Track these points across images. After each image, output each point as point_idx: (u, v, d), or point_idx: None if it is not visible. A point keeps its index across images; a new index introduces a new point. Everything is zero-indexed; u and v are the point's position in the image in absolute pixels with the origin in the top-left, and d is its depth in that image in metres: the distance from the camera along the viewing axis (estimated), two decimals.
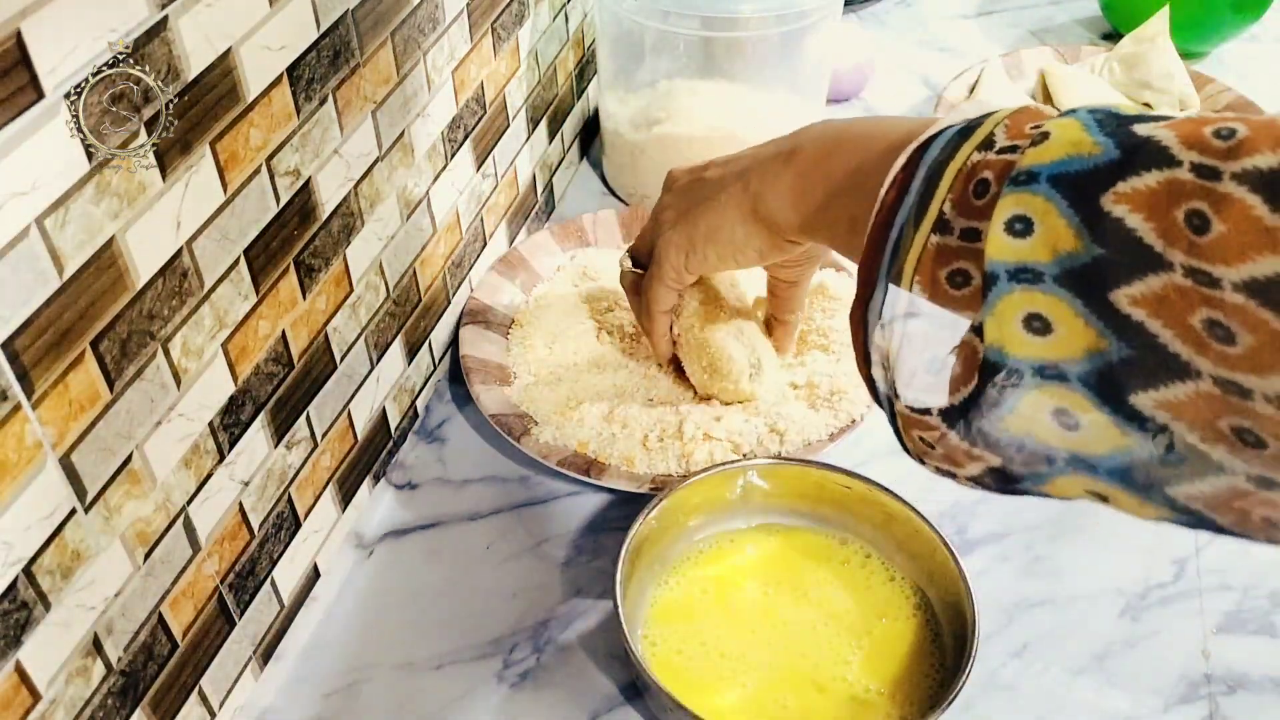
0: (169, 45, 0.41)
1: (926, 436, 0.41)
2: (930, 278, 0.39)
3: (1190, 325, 0.32)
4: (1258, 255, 0.30)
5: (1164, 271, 0.32)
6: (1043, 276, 0.35)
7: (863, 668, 0.56)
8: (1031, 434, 0.37)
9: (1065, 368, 0.35)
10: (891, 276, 0.40)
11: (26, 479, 0.39)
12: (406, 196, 0.65)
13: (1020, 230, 0.35)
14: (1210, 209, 0.31)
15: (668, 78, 0.85)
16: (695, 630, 0.58)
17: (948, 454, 0.40)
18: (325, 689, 0.59)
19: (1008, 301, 0.36)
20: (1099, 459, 0.36)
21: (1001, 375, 0.36)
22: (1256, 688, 0.58)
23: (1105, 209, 0.33)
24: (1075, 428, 0.36)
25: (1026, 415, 0.36)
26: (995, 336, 0.36)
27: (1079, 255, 0.34)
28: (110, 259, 0.41)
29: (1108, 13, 1.12)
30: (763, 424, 0.68)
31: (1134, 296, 0.33)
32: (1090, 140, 0.35)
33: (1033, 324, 0.35)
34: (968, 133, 0.39)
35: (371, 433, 0.67)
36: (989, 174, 0.37)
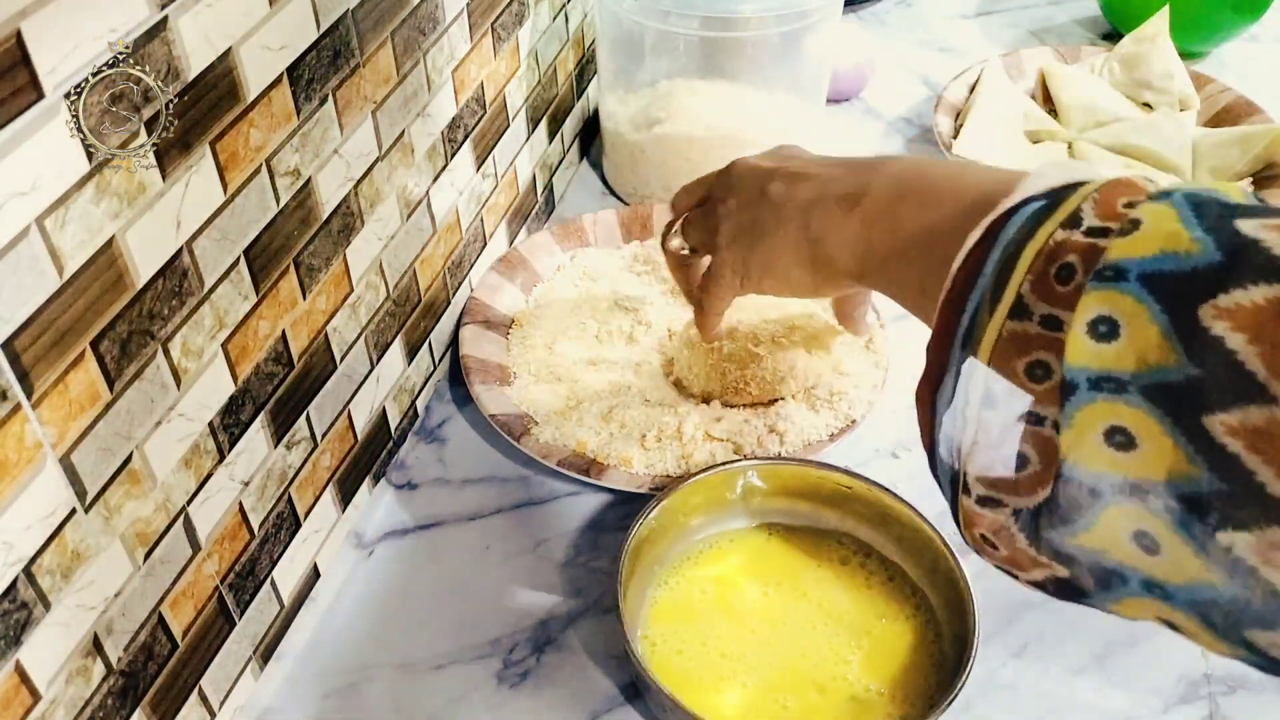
0: (169, 45, 0.41)
1: (989, 534, 0.38)
2: (1007, 369, 0.35)
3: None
4: None
5: (1266, 404, 0.29)
6: (1127, 387, 0.31)
7: (863, 668, 0.56)
8: (1107, 551, 0.34)
9: (1148, 489, 0.32)
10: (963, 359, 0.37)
11: (26, 479, 0.39)
12: (406, 196, 0.65)
13: (1105, 334, 0.32)
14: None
15: (668, 78, 0.85)
16: (695, 630, 0.58)
17: (1012, 557, 0.38)
18: (325, 689, 0.59)
19: (1088, 413, 0.32)
20: (1176, 588, 0.33)
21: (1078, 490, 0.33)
22: (1256, 688, 0.58)
23: (1204, 324, 0.30)
24: (1155, 551, 0.33)
25: (1103, 533, 0.34)
26: (1072, 451, 0.33)
27: (1170, 371, 0.30)
28: (110, 259, 0.41)
29: (1108, 13, 1.12)
30: (763, 424, 0.68)
31: (1231, 426, 0.29)
32: (1188, 236, 0.31)
33: (1115, 438, 0.32)
34: (1051, 207, 0.36)
35: (371, 433, 0.67)
36: (1074, 258, 0.34)
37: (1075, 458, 0.33)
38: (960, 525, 0.40)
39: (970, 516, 0.39)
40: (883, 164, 0.49)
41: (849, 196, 0.49)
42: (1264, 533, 0.29)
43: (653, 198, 0.89)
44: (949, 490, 0.40)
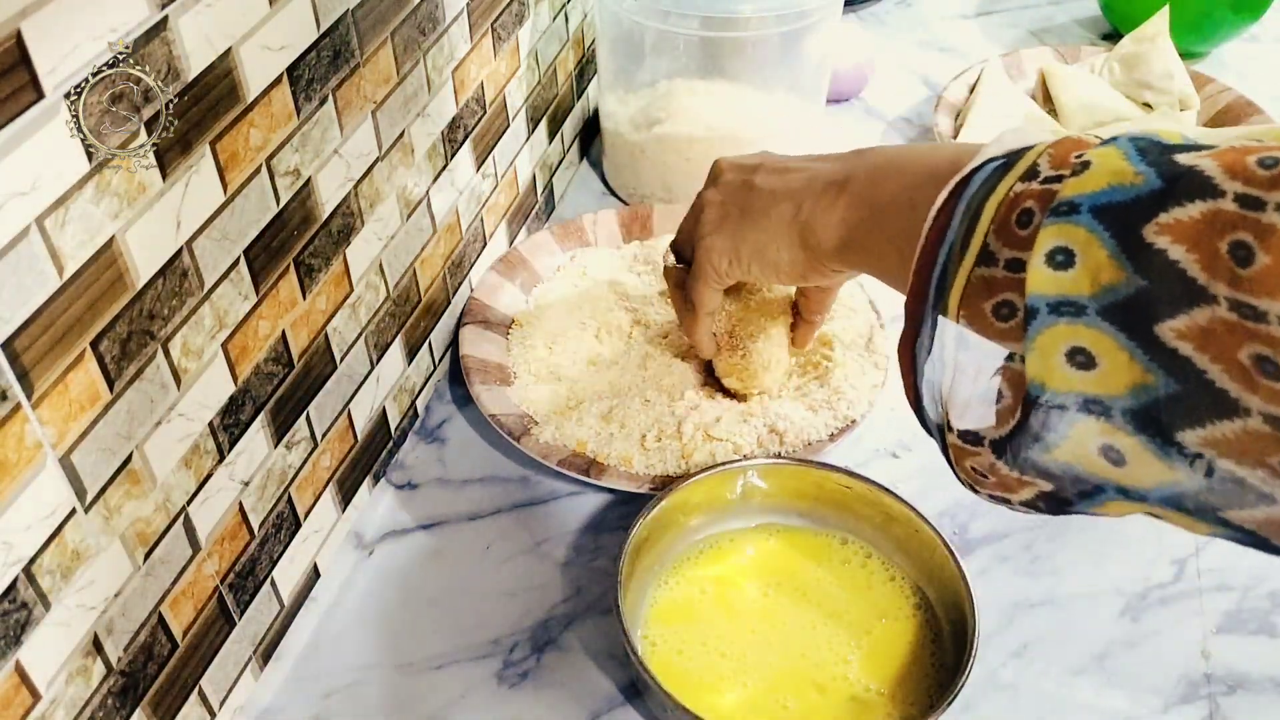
0: (169, 45, 0.41)
1: (979, 466, 0.41)
2: (975, 310, 0.38)
3: (1238, 360, 0.31)
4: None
5: (1208, 305, 0.31)
6: (1085, 309, 0.34)
7: (863, 668, 0.56)
8: (1079, 464, 0.36)
9: (1109, 403, 0.34)
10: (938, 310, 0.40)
11: (26, 479, 0.39)
12: (406, 196, 0.65)
13: (1062, 262, 0.35)
14: (1255, 240, 0.30)
15: (668, 78, 0.85)
16: (695, 630, 0.58)
17: (1000, 481, 0.40)
18: (325, 689, 0.59)
19: (1049, 335, 0.35)
20: (1147, 490, 0.35)
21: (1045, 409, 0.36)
22: (1256, 688, 0.58)
23: (1148, 240, 0.33)
24: (1121, 463, 0.35)
25: (1073, 448, 0.36)
26: (1037, 371, 0.36)
27: (1121, 287, 0.33)
28: (110, 259, 0.41)
29: (1108, 13, 1.12)
30: (762, 424, 0.68)
31: (1179, 330, 0.32)
32: (1132, 170, 0.34)
33: (1076, 358, 0.35)
34: (1010, 164, 0.39)
35: (371, 433, 0.67)
36: (1032, 204, 0.37)
37: (1040, 378, 0.36)
38: (951, 464, 0.43)
39: (958, 452, 0.42)
40: (867, 151, 0.52)
41: (836, 182, 0.52)
42: (1216, 425, 0.32)
43: (653, 198, 0.89)
44: (937, 434, 0.43)
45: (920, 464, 0.70)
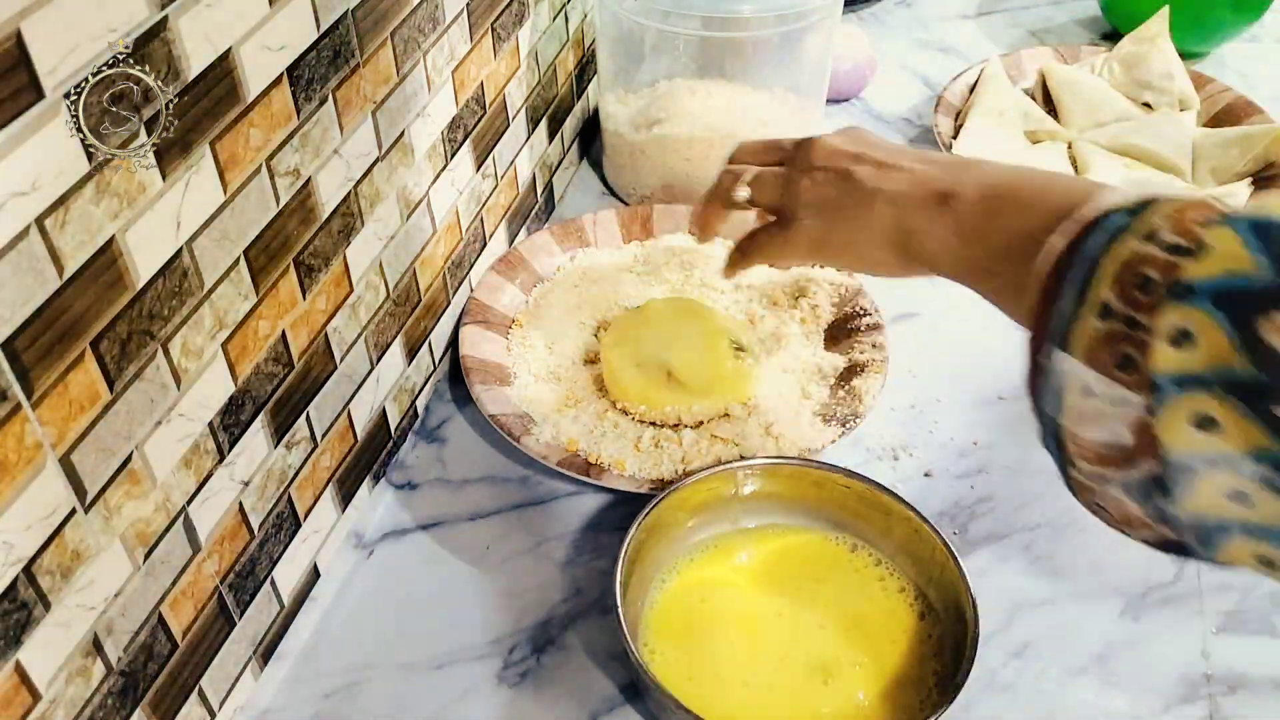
0: (169, 45, 0.41)
1: (1101, 503, 0.42)
2: (1098, 359, 0.40)
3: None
4: None
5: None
6: (1209, 383, 0.36)
7: (862, 668, 0.56)
8: (1207, 512, 0.38)
9: (1236, 461, 0.36)
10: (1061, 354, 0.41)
11: (26, 479, 0.39)
12: (406, 196, 0.65)
13: (1182, 343, 0.37)
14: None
15: (668, 78, 0.85)
16: (695, 630, 0.58)
17: (1124, 518, 0.42)
18: (325, 689, 0.59)
19: (1175, 407, 0.37)
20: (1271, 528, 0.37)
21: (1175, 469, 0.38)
22: (1256, 688, 0.58)
23: (1263, 336, 0.35)
24: (1250, 505, 0.37)
25: (1202, 499, 0.38)
26: (1167, 436, 0.38)
27: (1240, 372, 0.35)
28: (110, 259, 0.41)
29: (1108, 13, 1.12)
30: (762, 425, 0.68)
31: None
32: (1249, 258, 0.36)
33: (1203, 424, 0.36)
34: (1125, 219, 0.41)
35: (371, 433, 0.67)
36: (1153, 272, 0.38)
37: (1170, 442, 0.38)
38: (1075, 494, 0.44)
39: (1080, 485, 0.43)
40: (974, 165, 0.53)
41: (941, 195, 0.52)
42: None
43: (653, 198, 0.89)
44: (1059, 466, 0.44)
45: (920, 464, 0.70)
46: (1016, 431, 0.72)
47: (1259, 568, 0.39)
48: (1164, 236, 0.39)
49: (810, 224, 0.59)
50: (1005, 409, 0.73)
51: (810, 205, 0.58)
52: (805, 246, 0.60)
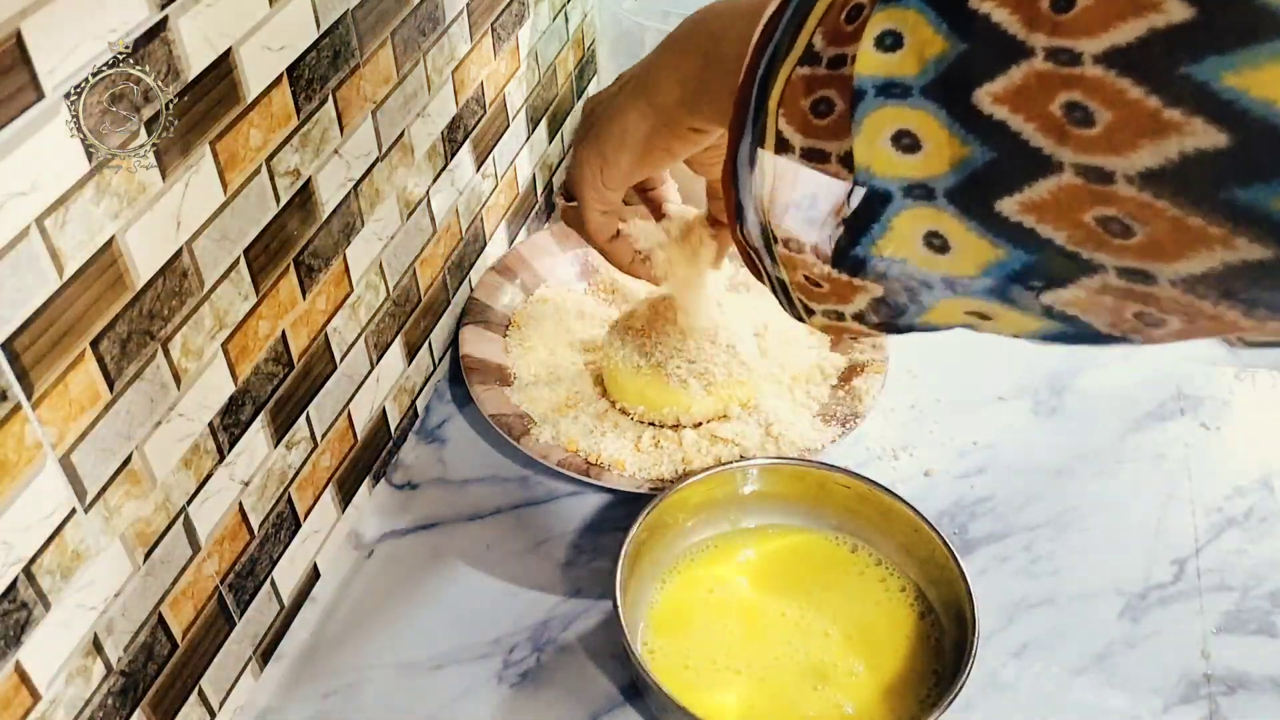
0: (169, 45, 0.41)
1: (810, 275, 0.40)
2: (794, 110, 0.38)
3: (1050, 113, 0.31)
4: (1119, 21, 0.29)
5: (1025, 60, 0.31)
6: (911, 90, 0.34)
7: (862, 668, 0.56)
8: (906, 258, 0.37)
9: (933, 185, 0.35)
10: (760, 116, 0.39)
11: (26, 479, 0.39)
12: (406, 196, 0.65)
13: (890, 45, 0.35)
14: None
15: None
16: (695, 630, 0.58)
17: (833, 289, 0.40)
18: (325, 689, 0.59)
19: (876, 118, 0.35)
20: (973, 278, 0.36)
21: (871, 197, 0.36)
22: (1256, 688, 0.58)
23: (972, 8, 0.33)
24: (945, 250, 0.36)
25: (899, 238, 0.36)
26: (864, 157, 0.36)
27: (944, 58, 0.33)
28: (110, 259, 0.41)
29: None
30: (762, 425, 0.68)
31: (996, 94, 0.32)
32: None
33: (901, 140, 0.35)
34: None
35: (371, 433, 0.67)
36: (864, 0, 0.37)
37: (866, 164, 0.36)
38: (785, 288, 0.42)
39: (788, 262, 0.41)
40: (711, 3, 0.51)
41: (674, 39, 0.51)
42: (1031, 187, 0.32)
43: None
44: (764, 248, 0.42)
45: (920, 464, 0.70)
46: (1016, 431, 0.72)
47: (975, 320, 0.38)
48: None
49: (585, 151, 0.57)
50: (1005, 409, 0.73)
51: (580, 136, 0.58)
52: (590, 173, 0.57)
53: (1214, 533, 0.65)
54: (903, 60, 0.35)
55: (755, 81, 0.40)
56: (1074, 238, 0.33)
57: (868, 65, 0.35)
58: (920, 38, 0.34)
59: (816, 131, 0.38)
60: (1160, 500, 0.67)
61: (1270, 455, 0.70)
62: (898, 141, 0.35)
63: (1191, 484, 0.68)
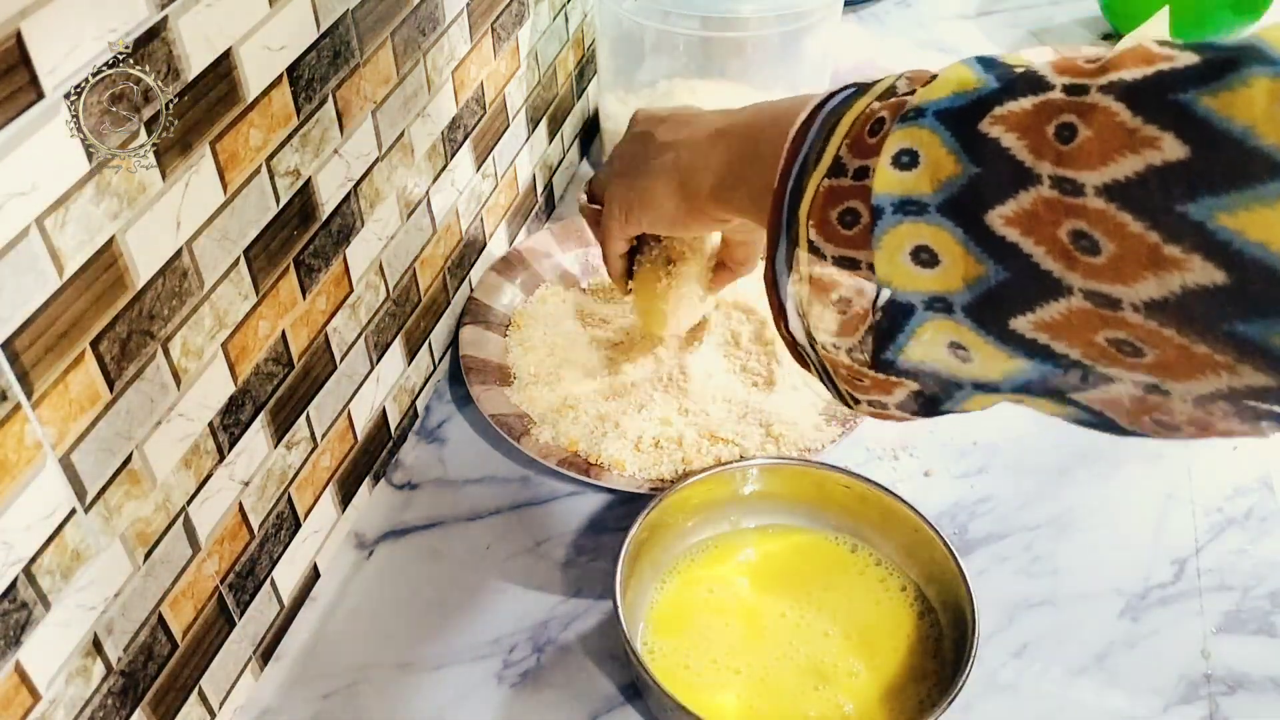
0: (169, 45, 0.41)
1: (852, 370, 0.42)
2: (822, 219, 0.39)
3: (1058, 239, 0.32)
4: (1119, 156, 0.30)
5: (1033, 186, 0.32)
6: (927, 208, 0.35)
7: (862, 668, 0.56)
8: (934, 362, 0.38)
9: (951, 299, 0.36)
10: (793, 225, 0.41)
11: (26, 479, 0.39)
12: (406, 196, 0.65)
13: (906, 163, 0.36)
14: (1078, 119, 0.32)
15: (668, 78, 0.85)
16: (695, 630, 0.58)
17: (874, 384, 0.41)
18: (325, 689, 0.59)
19: (895, 235, 0.36)
20: (998, 382, 0.37)
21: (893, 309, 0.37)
22: (1256, 688, 0.58)
23: (982, 132, 0.34)
24: (968, 360, 0.37)
25: (925, 346, 0.38)
26: (885, 273, 0.37)
27: (957, 179, 0.35)
28: (110, 259, 0.41)
29: (1108, 13, 1.12)
30: (761, 426, 0.68)
31: (1007, 216, 0.33)
32: (975, 78, 0.36)
33: (920, 256, 0.36)
34: (868, 87, 0.41)
35: (371, 433, 0.67)
36: (885, 114, 0.38)
37: (887, 278, 0.37)
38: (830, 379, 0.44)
39: (832, 364, 0.43)
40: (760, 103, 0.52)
41: (719, 130, 0.53)
42: (1044, 308, 0.33)
43: None
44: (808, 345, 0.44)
45: (920, 464, 0.70)
46: (1016, 431, 0.72)
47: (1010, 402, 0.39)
48: (900, 86, 0.39)
49: (616, 189, 0.59)
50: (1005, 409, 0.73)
51: (616, 170, 0.60)
52: (616, 214, 0.60)
53: (1214, 533, 0.65)
54: (918, 178, 0.36)
55: (787, 189, 0.41)
56: (1088, 354, 0.34)
57: (885, 183, 0.37)
58: (934, 156, 0.35)
59: (845, 241, 0.39)
60: (1160, 500, 0.67)
61: (1270, 455, 0.70)
62: (916, 256, 0.36)
63: (1191, 484, 0.68)
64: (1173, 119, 0.29)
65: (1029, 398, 0.38)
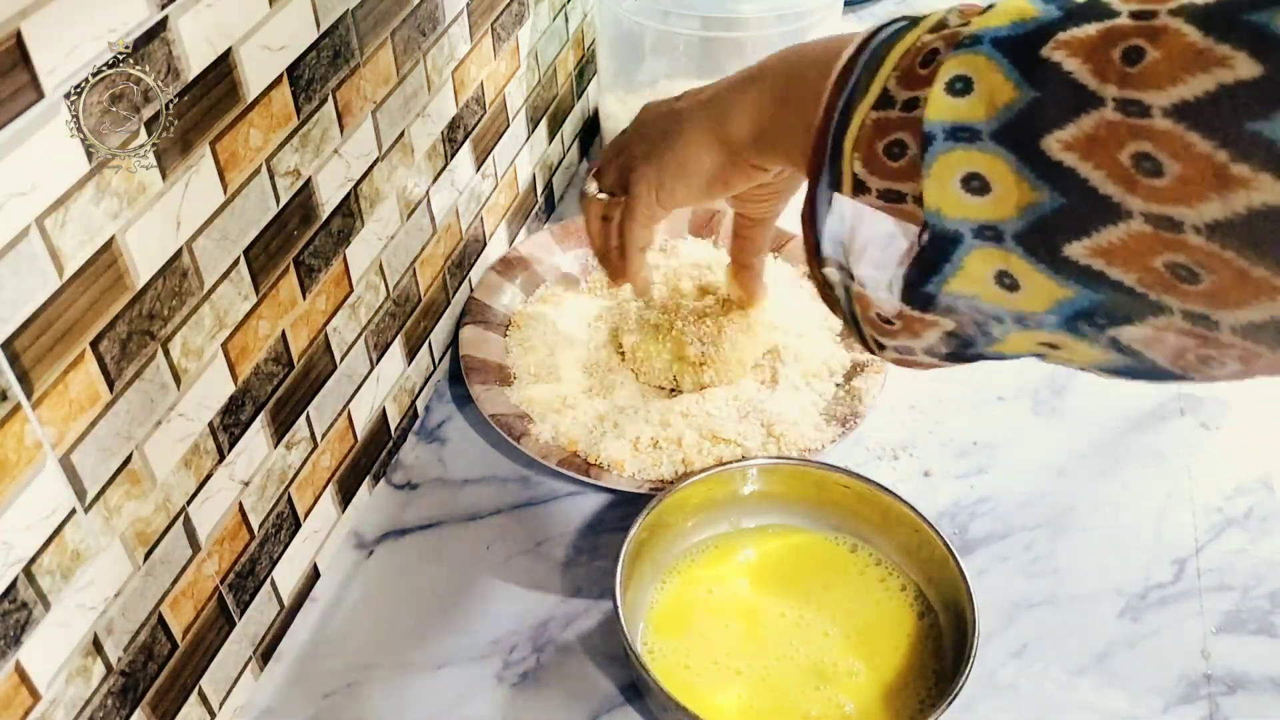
0: (169, 45, 0.41)
1: (883, 312, 0.41)
2: (870, 153, 0.39)
3: (1119, 162, 0.32)
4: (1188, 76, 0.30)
5: (1096, 109, 0.32)
6: (980, 134, 0.35)
7: (862, 668, 0.56)
8: (977, 295, 0.37)
9: (1002, 227, 0.35)
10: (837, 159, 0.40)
11: (26, 479, 0.39)
12: (406, 196, 0.65)
13: (960, 89, 0.36)
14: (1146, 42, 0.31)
15: (668, 78, 0.85)
16: (695, 630, 0.58)
17: (905, 326, 0.41)
18: (325, 689, 0.59)
19: (945, 161, 0.36)
20: (1043, 315, 0.36)
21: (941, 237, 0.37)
22: (1256, 688, 0.58)
23: (1044, 56, 0.34)
24: (1015, 288, 0.36)
25: (969, 277, 0.37)
26: (934, 198, 0.37)
27: (1015, 105, 0.34)
28: (110, 259, 0.41)
29: None
30: (761, 426, 0.68)
31: (1066, 141, 0.33)
32: (1034, 9, 0.35)
33: (971, 183, 0.36)
34: (918, 20, 0.40)
35: (371, 433, 0.67)
36: (938, 44, 0.38)
37: (936, 205, 0.37)
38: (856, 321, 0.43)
39: (862, 302, 0.42)
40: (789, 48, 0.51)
41: (750, 76, 0.51)
42: (1100, 233, 0.33)
43: None
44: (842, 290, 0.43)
45: (920, 464, 0.70)
46: (1016, 431, 0.72)
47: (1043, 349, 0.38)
48: (951, 19, 0.39)
49: (643, 170, 0.57)
50: (1005, 409, 0.73)
51: (639, 155, 0.58)
52: (645, 196, 0.58)
53: (1214, 533, 0.65)
54: (972, 105, 0.35)
55: (832, 123, 0.40)
56: (1143, 280, 0.33)
57: (938, 110, 0.36)
58: (990, 83, 0.35)
59: (891, 174, 0.38)
60: (1160, 500, 0.67)
61: (1270, 455, 0.70)
62: (967, 184, 0.36)
63: (1191, 484, 0.68)
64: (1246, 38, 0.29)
65: (1069, 338, 0.37)
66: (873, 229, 0.40)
